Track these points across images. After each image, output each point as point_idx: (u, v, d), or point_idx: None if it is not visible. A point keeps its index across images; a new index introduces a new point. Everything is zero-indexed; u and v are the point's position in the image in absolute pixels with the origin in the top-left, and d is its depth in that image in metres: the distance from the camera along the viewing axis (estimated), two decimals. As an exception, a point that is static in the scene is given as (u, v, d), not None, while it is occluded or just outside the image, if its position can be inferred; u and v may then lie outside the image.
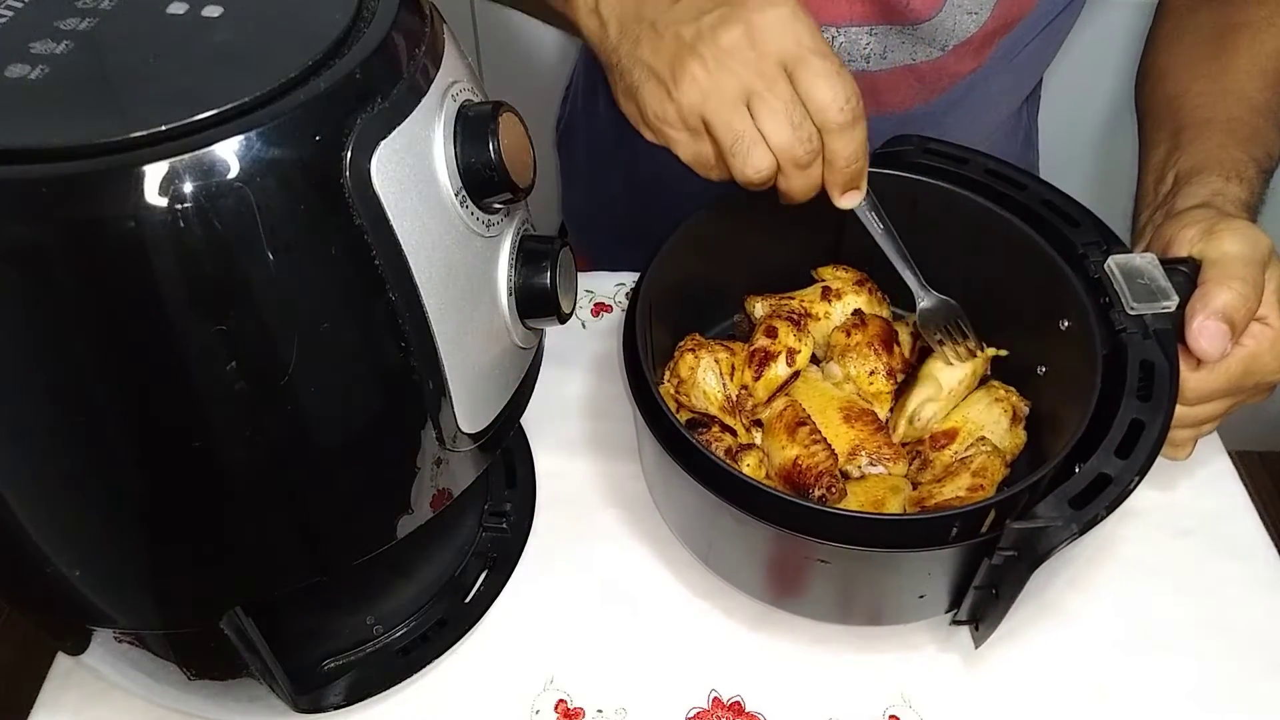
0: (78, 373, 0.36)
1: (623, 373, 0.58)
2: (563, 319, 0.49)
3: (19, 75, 0.36)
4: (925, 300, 0.63)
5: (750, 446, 0.60)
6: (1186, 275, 0.56)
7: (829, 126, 0.51)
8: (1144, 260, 0.56)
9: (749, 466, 0.58)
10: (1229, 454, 0.68)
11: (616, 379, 0.73)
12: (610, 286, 0.80)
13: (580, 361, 0.74)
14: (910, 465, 0.61)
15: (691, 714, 0.56)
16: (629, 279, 0.80)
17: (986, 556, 0.50)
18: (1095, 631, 0.59)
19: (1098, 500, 0.48)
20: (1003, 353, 0.65)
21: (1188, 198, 0.62)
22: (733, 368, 0.64)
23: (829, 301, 0.68)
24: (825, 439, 0.59)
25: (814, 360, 0.67)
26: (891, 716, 0.56)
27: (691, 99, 0.51)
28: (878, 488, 0.59)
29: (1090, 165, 1.32)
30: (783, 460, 0.59)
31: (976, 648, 0.56)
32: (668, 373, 0.64)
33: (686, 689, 0.57)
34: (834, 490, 0.57)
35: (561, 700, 0.57)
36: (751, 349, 0.65)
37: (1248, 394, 0.57)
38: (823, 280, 0.69)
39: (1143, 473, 0.49)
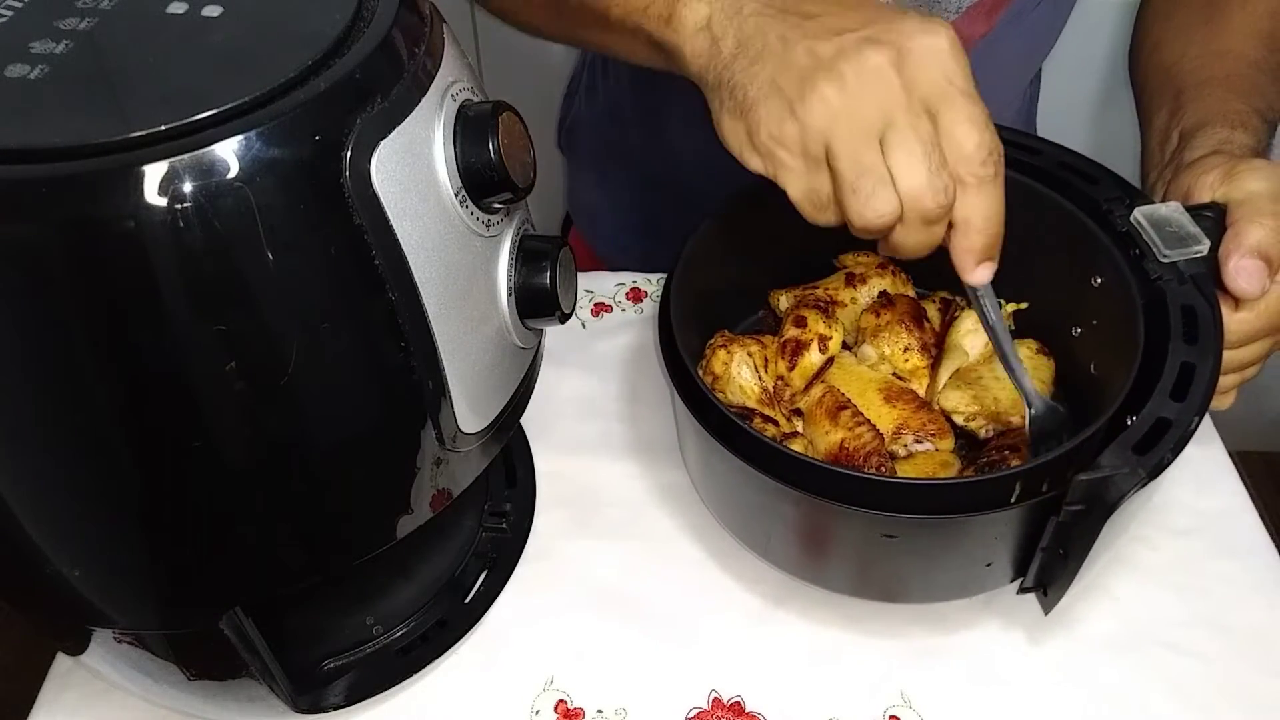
0: (77, 372, 0.36)
1: (664, 373, 0.56)
2: (563, 319, 0.49)
3: (19, 75, 0.36)
4: (1035, 407, 0.55)
5: (794, 435, 0.60)
6: (1213, 219, 0.56)
7: (968, 179, 0.45)
8: (1170, 209, 0.56)
9: None
10: (1229, 454, 0.68)
11: (616, 379, 0.73)
12: (610, 286, 0.80)
13: (580, 361, 0.74)
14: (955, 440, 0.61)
15: (691, 714, 0.56)
16: (629, 279, 0.80)
17: (1054, 514, 0.48)
18: (1093, 631, 0.59)
19: (1161, 444, 0.48)
20: (1023, 305, 0.65)
21: (1196, 149, 0.62)
22: (766, 360, 0.63)
23: (854, 287, 0.68)
24: (869, 420, 0.59)
25: (844, 347, 0.66)
26: (892, 717, 0.56)
27: (818, 121, 0.45)
28: (927, 464, 0.59)
29: (1085, 144, 1.32)
30: (828, 445, 0.58)
31: (1046, 614, 0.55)
32: (700, 371, 0.63)
33: (686, 689, 0.57)
34: (884, 470, 0.56)
35: (561, 700, 0.57)
36: (782, 340, 0.64)
37: None
38: (845, 267, 0.69)
39: (1201, 412, 0.49)
